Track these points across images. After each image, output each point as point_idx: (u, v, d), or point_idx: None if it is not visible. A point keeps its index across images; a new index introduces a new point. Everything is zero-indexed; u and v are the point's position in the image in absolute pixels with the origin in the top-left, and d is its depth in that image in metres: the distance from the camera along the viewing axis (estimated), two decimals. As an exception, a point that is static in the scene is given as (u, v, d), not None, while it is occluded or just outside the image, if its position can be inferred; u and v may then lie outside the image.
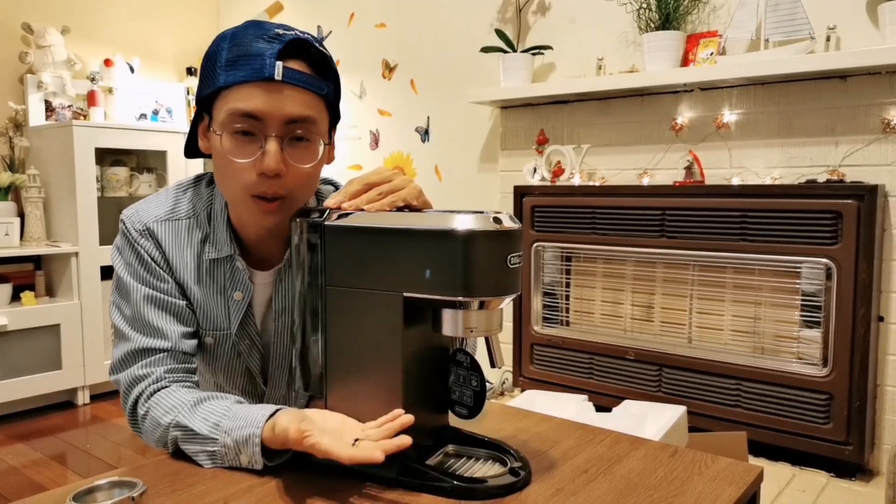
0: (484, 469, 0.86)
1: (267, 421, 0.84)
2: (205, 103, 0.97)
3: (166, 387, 0.97)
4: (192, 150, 1.07)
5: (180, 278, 1.03)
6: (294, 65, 0.91)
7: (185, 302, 1.03)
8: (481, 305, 0.80)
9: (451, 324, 0.81)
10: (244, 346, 1.08)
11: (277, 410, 0.86)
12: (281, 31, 0.92)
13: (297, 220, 0.88)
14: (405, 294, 0.80)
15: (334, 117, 1.01)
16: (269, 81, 0.89)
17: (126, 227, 1.02)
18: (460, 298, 0.78)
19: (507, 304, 0.83)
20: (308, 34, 0.95)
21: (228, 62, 0.91)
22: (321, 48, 0.95)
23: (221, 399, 0.93)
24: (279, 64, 0.89)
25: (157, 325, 0.99)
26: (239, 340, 1.07)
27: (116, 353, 1.00)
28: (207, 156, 1.04)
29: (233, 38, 0.92)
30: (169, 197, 1.06)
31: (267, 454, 0.85)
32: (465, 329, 0.81)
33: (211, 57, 0.95)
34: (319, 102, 0.94)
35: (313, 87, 0.92)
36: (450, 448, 0.91)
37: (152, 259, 1.01)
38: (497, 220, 0.78)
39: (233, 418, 0.87)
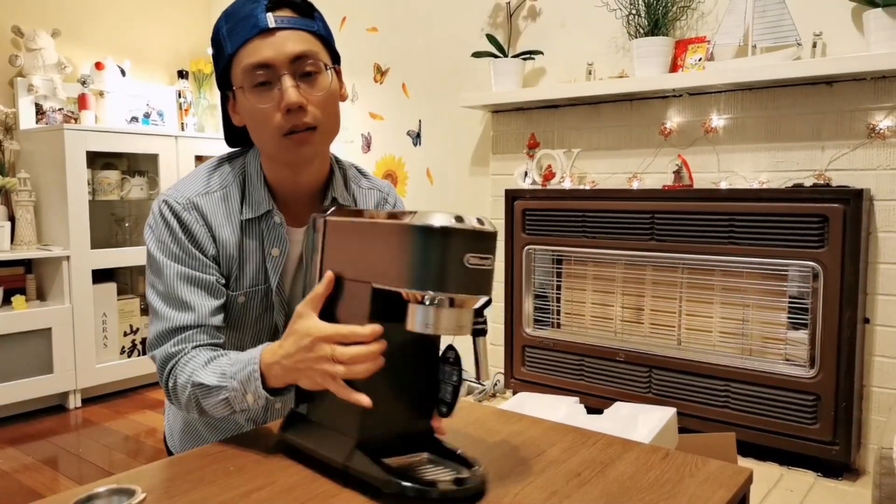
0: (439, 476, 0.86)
1: (261, 354, 0.93)
2: (224, 80, 1.08)
3: (192, 356, 1.04)
4: (231, 138, 1.17)
5: (224, 246, 1.10)
6: (282, 13, 1.03)
7: (215, 277, 1.09)
8: (439, 303, 0.80)
9: (410, 318, 0.82)
10: (276, 301, 1.14)
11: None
12: None
13: (314, 214, 0.97)
14: (374, 285, 0.84)
15: (333, 55, 1.10)
16: (265, 32, 1.01)
17: (168, 204, 1.08)
18: (405, 290, 0.80)
19: (475, 306, 0.83)
20: None
21: (230, 33, 1.04)
22: None
23: (231, 353, 1.01)
24: (269, 14, 1.02)
25: (189, 299, 1.05)
26: (272, 296, 1.13)
27: (152, 330, 1.07)
28: (247, 142, 1.14)
29: (227, 16, 1.06)
30: (200, 176, 1.13)
31: (269, 391, 0.94)
32: (422, 324, 0.81)
33: (215, 39, 1.07)
34: (313, 38, 1.05)
35: (304, 26, 1.04)
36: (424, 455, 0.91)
37: (193, 233, 1.07)
38: (459, 219, 0.79)
39: (234, 363, 0.97)
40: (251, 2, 1.03)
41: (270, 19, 1.01)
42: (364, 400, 0.83)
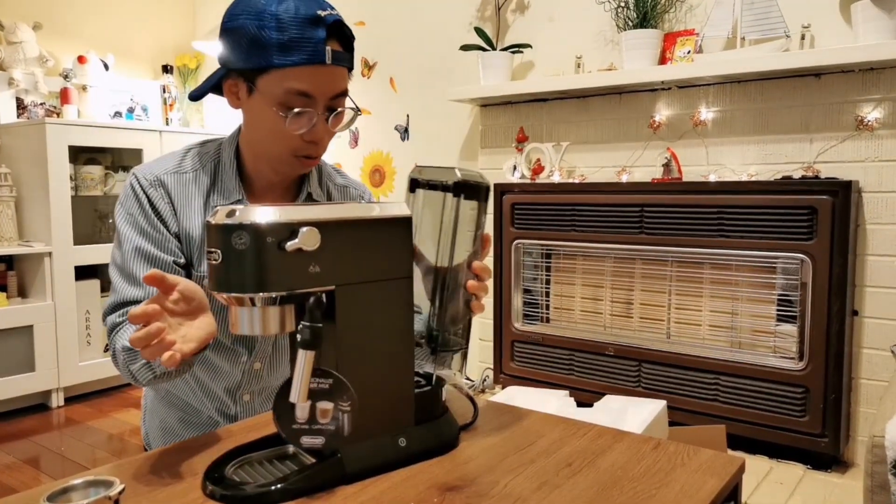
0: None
1: None
2: (248, 73, 1.03)
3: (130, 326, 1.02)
4: (200, 96, 1.12)
5: (189, 227, 1.10)
6: (335, 46, 1.02)
7: (173, 257, 1.09)
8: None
9: None
10: None
11: None
12: (322, 13, 1.00)
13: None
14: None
15: None
16: (321, 64, 1.01)
17: (137, 179, 1.10)
18: None
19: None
20: (336, 12, 1.03)
21: (281, 45, 0.98)
22: (347, 27, 1.07)
23: None
24: (329, 49, 1.01)
25: (139, 275, 1.06)
26: None
27: (107, 301, 1.08)
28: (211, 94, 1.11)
29: (278, 19, 0.97)
30: (175, 156, 1.15)
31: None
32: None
33: (253, 34, 0.98)
34: (348, 74, 1.09)
35: (349, 65, 1.07)
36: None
37: (157, 210, 1.09)
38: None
39: None
40: (310, 23, 0.98)
41: (329, 54, 1.00)
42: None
